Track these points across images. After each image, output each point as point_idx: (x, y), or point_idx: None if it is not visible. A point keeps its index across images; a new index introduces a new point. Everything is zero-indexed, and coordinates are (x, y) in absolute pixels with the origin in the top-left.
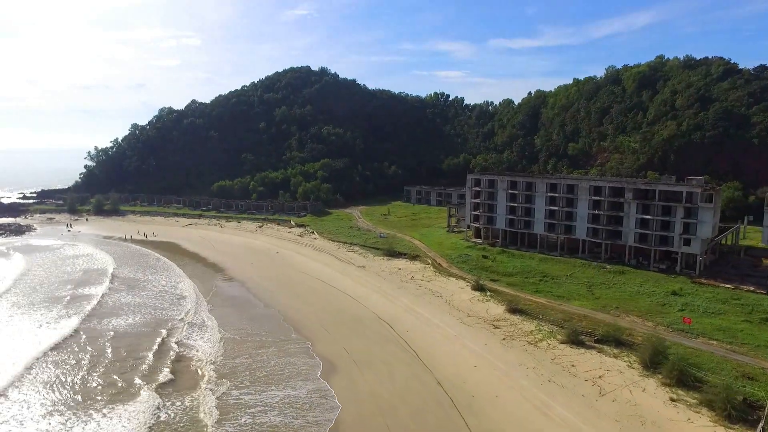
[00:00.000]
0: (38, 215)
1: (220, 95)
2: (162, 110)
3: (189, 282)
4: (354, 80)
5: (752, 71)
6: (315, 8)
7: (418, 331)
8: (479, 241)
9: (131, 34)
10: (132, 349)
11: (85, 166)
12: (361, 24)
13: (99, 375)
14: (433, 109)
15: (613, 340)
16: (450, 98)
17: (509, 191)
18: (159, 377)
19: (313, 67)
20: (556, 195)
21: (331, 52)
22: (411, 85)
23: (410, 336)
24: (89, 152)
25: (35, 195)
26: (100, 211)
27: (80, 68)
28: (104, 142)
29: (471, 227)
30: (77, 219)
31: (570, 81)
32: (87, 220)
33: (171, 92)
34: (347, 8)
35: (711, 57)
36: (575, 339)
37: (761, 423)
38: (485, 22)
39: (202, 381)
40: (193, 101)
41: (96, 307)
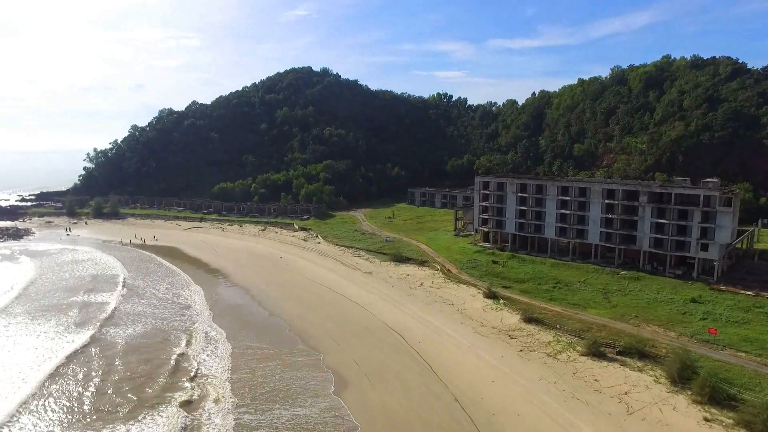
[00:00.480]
0: (36, 218)
1: (221, 96)
2: (162, 111)
3: (192, 289)
4: (356, 81)
5: (761, 71)
6: (315, 9)
7: (431, 342)
8: (488, 246)
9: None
10: (142, 365)
11: (84, 168)
12: (361, 25)
13: (114, 392)
14: (436, 110)
15: (636, 352)
16: (453, 99)
17: (519, 194)
18: (172, 395)
19: (315, 68)
20: (568, 198)
21: (331, 53)
22: (411, 86)
23: (422, 347)
24: (88, 154)
25: (34, 197)
26: (100, 214)
27: (80, 68)
28: (104, 143)
29: (479, 231)
30: (76, 222)
31: (572, 81)
32: (86, 224)
33: (171, 93)
34: (347, 9)
35: (718, 57)
36: (596, 351)
37: None
38: (485, 23)
39: (217, 400)
40: (194, 102)
41: (102, 319)
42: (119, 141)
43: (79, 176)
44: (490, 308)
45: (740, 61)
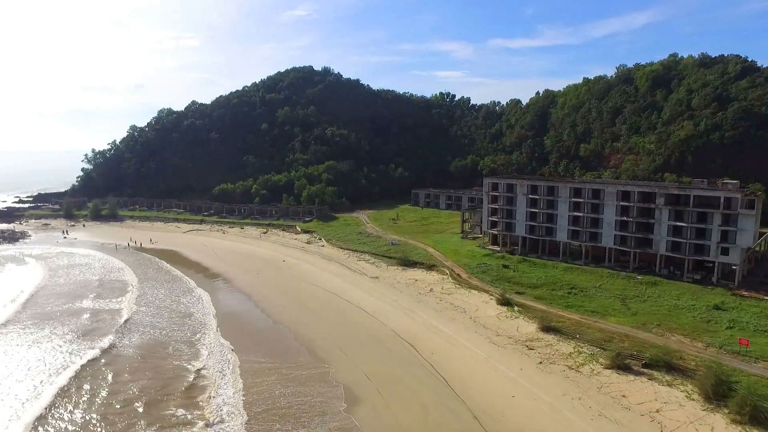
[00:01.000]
0: (33, 221)
1: (221, 96)
2: (161, 111)
3: (194, 295)
4: (358, 80)
5: None
6: (314, 9)
7: (444, 353)
8: (497, 249)
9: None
10: (148, 386)
11: (83, 169)
12: (360, 24)
13: (126, 414)
14: (439, 110)
15: (664, 365)
16: (456, 98)
17: (529, 196)
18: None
19: (316, 67)
20: (581, 200)
21: (330, 53)
22: (410, 86)
23: (436, 359)
24: (86, 155)
25: (31, 199)
26: (98, 217)
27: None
28: (103, 144)
29: (487, 234)
30: (74, 225)
31: (572, 81)
32: (84, 226)
33: (170, 93)
34: (346, 9)
35: (727, 55)
36: (621, 363)
37: None
38: (484, 22)
39: (222, 420)
40: (193, 102)
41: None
42: (117, 142)
43: (77, 177)
44: (505, 316)
45: (749, 59)
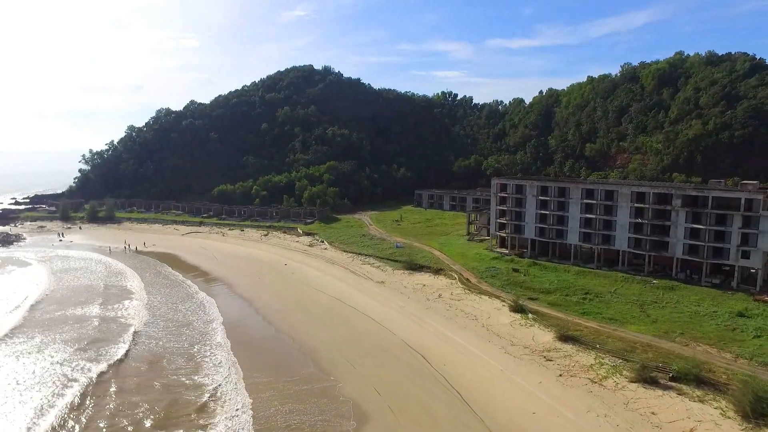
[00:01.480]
0: (29, 223)
1: (220, 95)
2: (160, 111)
3: (194, 301)
4: (359, 79)
5: None
6: (313, 9)
7: (457, 364)
8: (505, 252)
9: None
10: (155, 403)
11: (80, 170)
12: (359, 25)
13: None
14: (441, 109)
15: (693, 379)
16: (458, 97)
17: (539, 197)
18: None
19: (316, 66)
20: (593, 202)
21: (330, 53)
22: (410, 86)
23: (448, 370)
24: (84, 155)
25: (28, 200)
26: (95, 218)
27: (79, 69)
28: (102, 144)
29: (495, 236)
30: (70, 227)
31: (572, 80)
32: (80, 229)
33: (170, 94)
34: (345, 9)
35: (734, 53)
36: (647, 377)
37: None
38: (483, 22)
39: None
40: (192, 101)
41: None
42: (115, 142)
43: (75, 178)
44: (519, 324)
45: (758, 57)
